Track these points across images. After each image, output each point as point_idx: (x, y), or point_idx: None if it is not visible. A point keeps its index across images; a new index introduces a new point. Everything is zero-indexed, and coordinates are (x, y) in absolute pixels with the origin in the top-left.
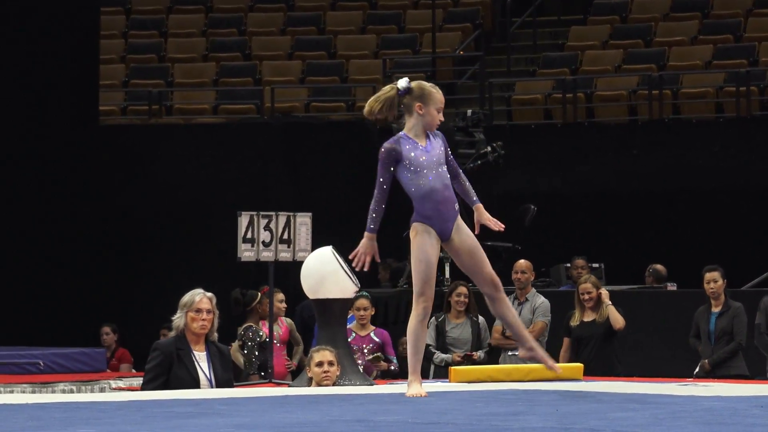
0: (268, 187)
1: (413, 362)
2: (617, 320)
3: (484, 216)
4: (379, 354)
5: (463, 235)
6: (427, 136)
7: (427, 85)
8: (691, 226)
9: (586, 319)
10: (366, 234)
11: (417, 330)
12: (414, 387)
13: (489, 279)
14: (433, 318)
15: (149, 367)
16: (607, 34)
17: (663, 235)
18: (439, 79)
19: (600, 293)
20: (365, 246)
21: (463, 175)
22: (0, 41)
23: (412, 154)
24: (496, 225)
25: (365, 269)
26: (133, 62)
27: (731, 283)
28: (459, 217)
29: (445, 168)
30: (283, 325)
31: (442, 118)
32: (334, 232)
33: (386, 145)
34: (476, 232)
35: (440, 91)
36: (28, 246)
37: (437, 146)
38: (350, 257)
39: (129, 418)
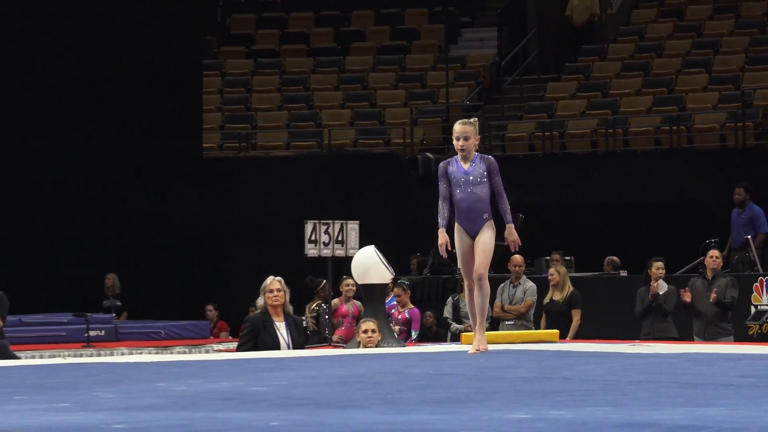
0: (326, 202)
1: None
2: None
3: (509, 236)
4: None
5: (481, 236)
6: (473, 161)
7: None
8: (635, 229)
9: (554, 298)
10: (439, 230)
11: (467, 300)
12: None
13: (475, 272)
14: (450, 297)
15: (242, 334)
16: (575, 88)
17: (616, 235)
18: (451, 122)
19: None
20: (439, 238)
21: (503, 199)
22: (132, 99)
23: (453, 172)
24: (513, 246)
25: (444, 256)
26: (227, 111)
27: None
28: (489, 224)
29: (479, 187)
30: (355, 305)
31: (459, 145)
32: (374, 235)
33: (440, 164)
34: (511, 248)
35: (457, 124)
36: (158, 247)
37: (478, 170)
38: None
39: (226, 371)
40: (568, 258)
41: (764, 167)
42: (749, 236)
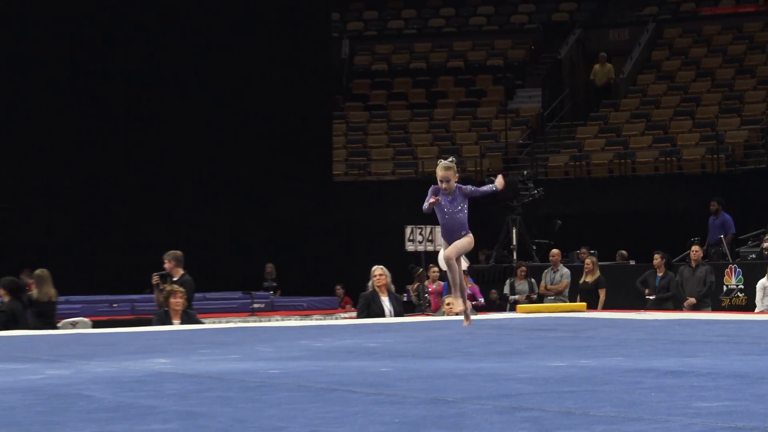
0: (420, 212)
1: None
2: (602, 304)
3: (498, 183)
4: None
5: (460, 240)
6: (453, 194)
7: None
8: (640, 230)
9: (586, 280)
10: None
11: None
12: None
13: (445, 256)
14: (508, 280)
15: (358, 307)
16: (597, 131)
17: (626, 235)
18: (510, 155)
19: (592, 263)
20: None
21: (481, 190)
22: (285, 141)
23: (440, 201)
24: (501, 181)
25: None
26: (350, 148)
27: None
28: (464, 235)
29: (459, 214)
30: (440, 285)
31: (443, 186)
32: None
33: (432, 188)
34: (500, 182)
35: (439, 169)
36: (303, 244)
37: (457, 200)
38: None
39: (349, 333)
40: (592, 252)
41: (733, 186)
42: (721, 236)
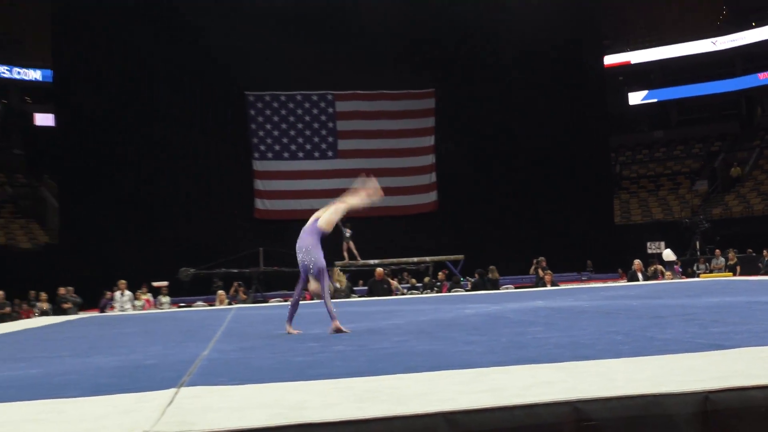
0: (655, 235)
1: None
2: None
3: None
4: None
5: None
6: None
7: None
8: (757, 241)
9: (731, 263)
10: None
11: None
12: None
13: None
14: (695, 263)
15: (627, 278)
16: (734, 197)
17: (750, 243)
18: (693, 209)
19: (733, 254)
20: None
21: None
22: (590, 201)
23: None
24: None
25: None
26: (621, 211)
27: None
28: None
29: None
30: (660, 267)
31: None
32: (670, 245)
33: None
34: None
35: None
36: (602, 250)
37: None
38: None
39: (622, 289)
40: (735, 250)
41: None
42: None
